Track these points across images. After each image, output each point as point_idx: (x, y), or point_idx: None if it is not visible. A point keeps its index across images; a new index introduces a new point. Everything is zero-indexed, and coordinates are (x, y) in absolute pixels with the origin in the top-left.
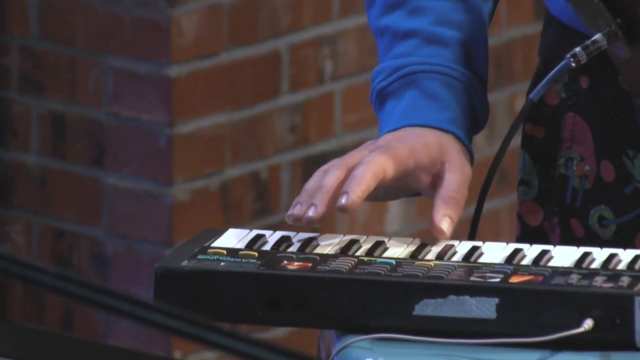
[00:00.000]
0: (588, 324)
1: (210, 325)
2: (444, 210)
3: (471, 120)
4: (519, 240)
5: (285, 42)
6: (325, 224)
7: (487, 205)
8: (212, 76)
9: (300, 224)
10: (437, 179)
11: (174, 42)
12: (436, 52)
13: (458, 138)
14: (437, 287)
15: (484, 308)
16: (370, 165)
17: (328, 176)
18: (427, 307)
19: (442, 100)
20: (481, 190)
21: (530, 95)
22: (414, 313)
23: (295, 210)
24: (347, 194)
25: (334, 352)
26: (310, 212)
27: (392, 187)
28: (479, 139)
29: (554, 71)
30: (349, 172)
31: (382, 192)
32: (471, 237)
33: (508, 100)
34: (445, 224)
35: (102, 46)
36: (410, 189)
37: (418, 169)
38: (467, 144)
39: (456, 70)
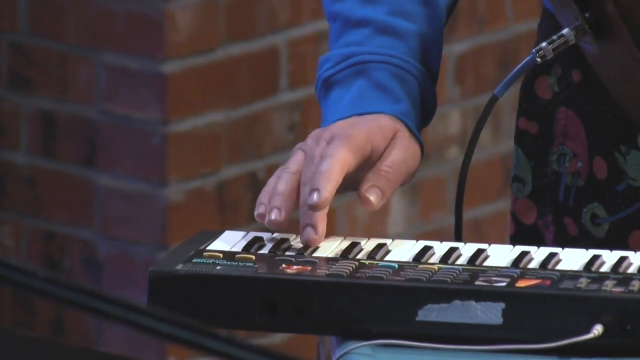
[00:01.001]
0: (597, 329)
1: (205, 331)
2: (373, 181)
3: (421, 116)
4: (513, 239)
5: (284, 38)
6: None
7: (492, 207)
8: (208, 73)
9: (279, 228)
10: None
11: (168, 37)
12: (388, 43)
13: (409, 129)
14: (441, 292)
15: (490, 313)
16: (335, 158)
17: (282, 182)
18: (430, 313)
19: (393, 93)
20: (457, 191)
21: (495, 92)
22: (417, 318)
23: (273, 215)
24: (319, 192)
25: (334, 358)
26: (311, 234)
27: (352, 177)
28: (484, 137)
29: (518, 67)
30: (305, 171)
31: (343, 185)
32: (457, 240)
33: (514, 97)
34: (373, 195)
35: (94, 42)
36: (357, 180)
37: (375, 153)
38: (418, 136)
39: (409, 63)
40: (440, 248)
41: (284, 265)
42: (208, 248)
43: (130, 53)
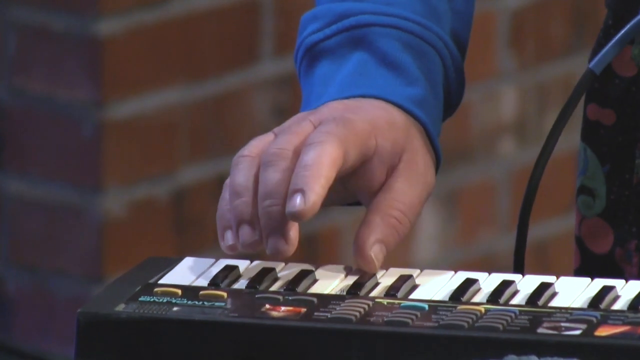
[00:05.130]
0: None
1: None
2: (380, 233)
3: (442, 103)
4: (578, 275)
5: None
6: (326, 250)
7: (561, 224)
8: (160, 35)
9: (253, 251)
10: (386, 180)
11: None
12: None
13: (425, 129)
14: (490, 343)
15: None
16: (327, 145)
17: (273, 172)
18: None
19: (406, 71)
20: (523, 203)
21: (590, 65)
22: None
23: (245, 235)
24: (303, 194)
25: None
26: (280, 244)
27: (343, 182)
28: (546, 126)
29: (623, 31)
30: (297, 158)
31: (332, 192)
32: (518, 271)
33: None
34: (376, 253)
35: None
36: (344, 190)
37: (377, 157)
38: (435, 138)
39: (427, 29)
40: (488, 282)
41: (267, 306)
42: (161, 282)
43: (51, 8)
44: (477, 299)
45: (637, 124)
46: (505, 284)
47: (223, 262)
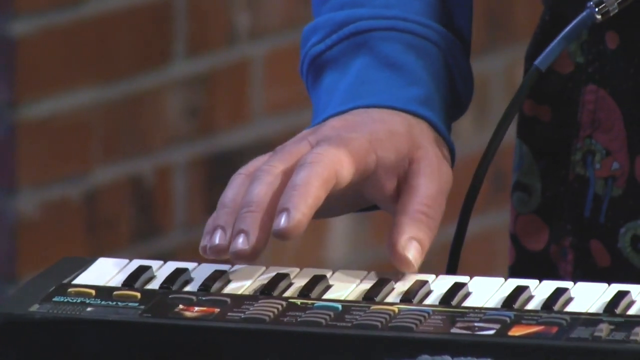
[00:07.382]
0: None
1: None
2: (412, 232)
3: (450, 101)
4: (513, 272)
5: None
6: None
7: (477, 223)
8: (74, 35)
9: (221, 257)
10: (402, 185)
11: None
12: (398, 0)
13: (433, 126)
14: (404, 343)
15: None
16: (318, 167)
17: (257, 185)
18: None
19: (409, 71)
20: (465, 201)
21: (536, 62)
22: None
23: (217, 239)
24: (288, 212)
25: None
26: (240, 243)
27: (340, 196)
28: (464, 124)
29: (569, 27)
30: (286, 176)
31: (327, 206)
32: (451, 270)
33: (506, 68)
34: (412, 252)
35: None
36: (360, 198)
37: (381, 168)
38: (446, 134)
39: (428, 28)
40: (401, 282)
41: (181, 307)
42: (75, 282)
43: None
44: (390, 298)
45: (573, 121)
46: (419, 284)
47: (136, 263)
